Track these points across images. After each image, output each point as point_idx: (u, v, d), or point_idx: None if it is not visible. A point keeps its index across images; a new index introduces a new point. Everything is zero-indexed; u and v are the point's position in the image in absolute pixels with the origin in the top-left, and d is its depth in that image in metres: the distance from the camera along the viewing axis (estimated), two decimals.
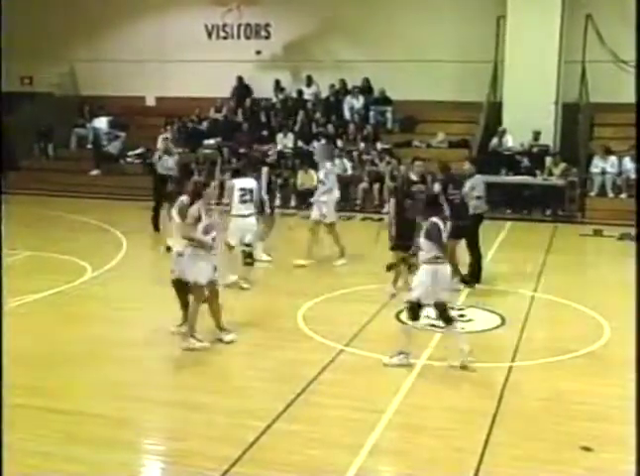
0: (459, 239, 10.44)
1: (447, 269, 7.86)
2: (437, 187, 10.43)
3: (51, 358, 7.97)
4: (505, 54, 18.74)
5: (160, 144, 16.47)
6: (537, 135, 18.31)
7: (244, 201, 10.76)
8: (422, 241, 7.75)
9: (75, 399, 6.93)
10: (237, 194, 10.74)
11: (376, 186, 17.92)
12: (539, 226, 16.33)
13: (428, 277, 7.69)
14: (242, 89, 21.59)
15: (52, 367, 7.72)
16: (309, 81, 21.14)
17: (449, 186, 10.52)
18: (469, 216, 10.67)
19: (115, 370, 7.82)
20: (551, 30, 18.21)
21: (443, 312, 7.80)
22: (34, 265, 11.83)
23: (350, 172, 18.27)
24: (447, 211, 8.58)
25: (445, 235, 7.86)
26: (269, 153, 19.03)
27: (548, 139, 18.52)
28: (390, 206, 10.39)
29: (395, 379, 7.42)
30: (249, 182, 10.95)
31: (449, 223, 8.01)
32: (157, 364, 8.08)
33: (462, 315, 9.51)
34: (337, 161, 18.28)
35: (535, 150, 18.31)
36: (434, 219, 7.79)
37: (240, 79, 21.60)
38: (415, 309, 7.79)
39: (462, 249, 10.92)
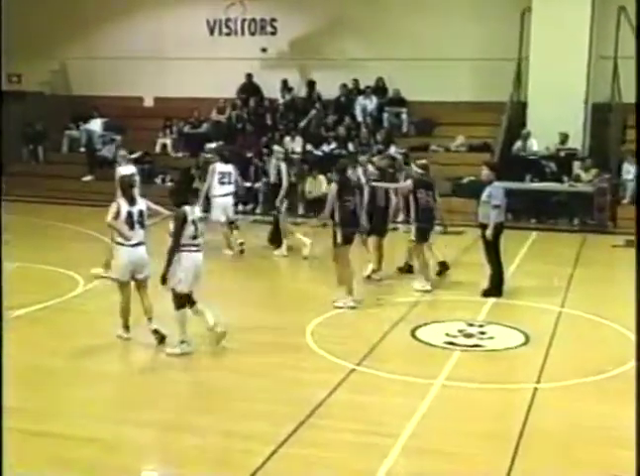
0: (425, 242, 11.50)
1: (201, 256, 8.56)
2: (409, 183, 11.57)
3: (38, 378, 8.01)
4: (530, 50, 18.79)
5: None
6: (564, 138, 18.30)
7: (222, 183, 13.51)
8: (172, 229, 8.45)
9: (64, 420, 6.95)
10: (217, 177, 13.51)
11: None
12: (566, 236, 16.31)
13: (190, 264, 8.40)
14: (251, 88, 21.65)
15: (39, 387, 7.75)
16: (312, 87, 21.15)
17: (418, 187, 11.41)
18: (433, 221, 11.55)
19: (107, 390, 7.85)
20: (580, 23, 18.20)
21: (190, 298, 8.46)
22: (21, 277, 11.81)
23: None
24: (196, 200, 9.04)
25: (193, 227, 8.37)
26: None
27: (576, 142, 18.51)
28: (330, 198, 10.99)
29: (411, 400, 7.42)
30: (228, 167, 13.72)
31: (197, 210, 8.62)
32: (152, 383, 8.09)
33: (482, 332, 9.52)
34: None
35: (562, 154, 18.32)
36: (184, 208, 8.38)
37: (249, 77, 21.66)
38: (182, 299, 8.43)
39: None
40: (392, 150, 19.03)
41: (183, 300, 8.49)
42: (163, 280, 8.40)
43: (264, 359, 8.60)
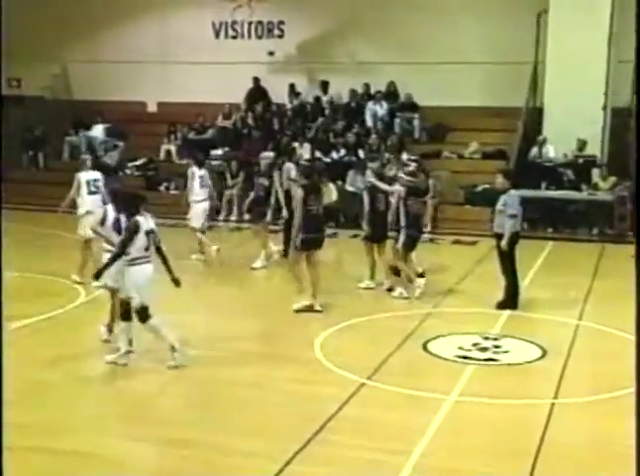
0: (413, 250, 11.74)
1: (151, 267, 8.56)
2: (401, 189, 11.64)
3: (38, 392, 8.03)
4: (547, 53, 18.79)
5: None
6: (582, 144, 18.28)
7: (202, 187, 13.95)
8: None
9: (65, 437, 6.96)
10: (197, 181, 13.89)
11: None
12: (584, 246, 16.29)
13: (143, 277, 8.44)
14: (258, 93, 21.70)
15: (38, 402, 7.77)
16: (324, 87, 21.22)
17: (409, 194, 11.61)
18: (422, 229, 11.93)
19: (109, 405, 7.89)
20: (599, 26, 18.16)
21: (130, 308, 8.51)
22: (21, 288, 11.86)
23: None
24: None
25: (145, 239, 8.42)
26: None
27: (595, 149, 18.48)
28: (297, 202, 11.16)
29: (423, 416, 7.42)
30: (202, 171, 14.13)
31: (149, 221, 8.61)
32: (156, 398, 8.11)
33: (497, 346, 9.51)
34: (359, 177, 18.35)
35: (580, 161, 18.30)
36: (137, 217, 8.47)
37: (256, 80, 21.72)
38: (145, 311, 8.43)
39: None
40: (404, 157, 19.06)
41: (147, 312, 8.50)
42: (97, 275, 8.70)
43: (270, 372, 8.62)
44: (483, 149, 19.65)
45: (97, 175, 12.50)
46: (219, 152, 20.52)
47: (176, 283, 8.65)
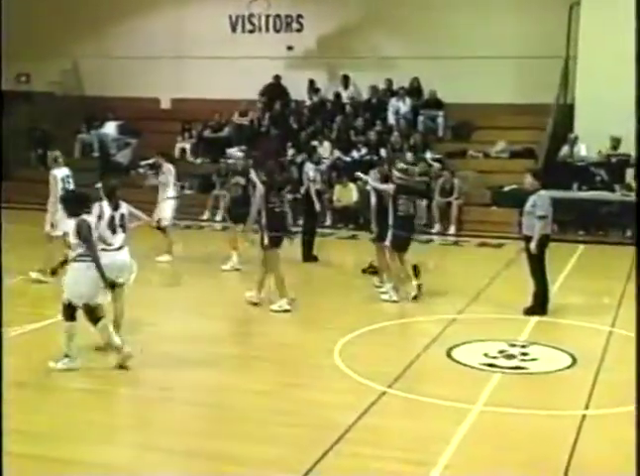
0: (404, 251, 11.71)
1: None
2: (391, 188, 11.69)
3: (39, 399, 8.06)
4: (579, 47, 18.70)
5: None
6: (616, 143, 18.18)
7: (175, 184, 14.50)
8: (71, 239, 8.64)
9: (74, 445, 6.96)
10: (173, 178, 14.37)
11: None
12: (617, 249, 16.15)
13: (78, 276, 8.54)
14: (278, 90, 21.72)
15: (44, 409, 7.79)
16: (346, 82, 21.23)
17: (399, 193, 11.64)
18: (413, 229, 12.02)
19: (119, 413, 7.89)
20: (634, 18, 17.98)
21: (91, 313, 8.57)
22: (27, 291, 11.95)
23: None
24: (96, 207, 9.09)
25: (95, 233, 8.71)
26: None
27: (629, 147, 18.32)
28: (257, 199, 11.48)
29: (447, 426, 7.37)
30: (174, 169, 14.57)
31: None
32: (163, 405, 8.08)
33: (525, 353, 9.45)
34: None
35: (614, 160, 18.19)
36: (83, 217, 8.62)
37: (277, 78, 21.74)
38: (68, 310, 8.61)
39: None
40: (428, 156, 19.04)
41: (69, 312, 8.62)
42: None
43: (286, 378, 8.62)
44: (511, 148, 19.57)
45: (68, 171, 12.92)
46: (235, 150, 20.49)
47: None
